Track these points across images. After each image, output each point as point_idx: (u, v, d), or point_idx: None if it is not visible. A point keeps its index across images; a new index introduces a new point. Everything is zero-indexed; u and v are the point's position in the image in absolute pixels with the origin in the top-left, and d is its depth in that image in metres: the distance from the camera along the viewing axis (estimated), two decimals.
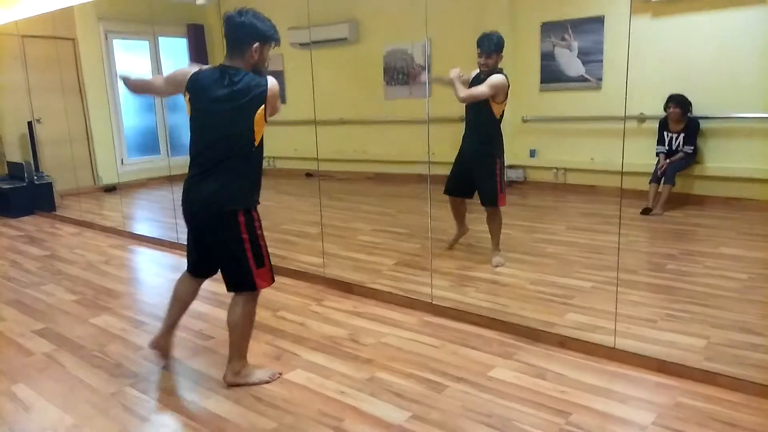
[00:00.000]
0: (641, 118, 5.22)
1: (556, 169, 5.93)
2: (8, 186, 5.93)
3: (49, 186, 6.20)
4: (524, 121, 6.16)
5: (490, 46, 3.70)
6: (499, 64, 3.82)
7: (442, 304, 3.01)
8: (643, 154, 5.03)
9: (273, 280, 2.36)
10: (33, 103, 6.52)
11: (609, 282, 3.25)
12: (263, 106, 2.25)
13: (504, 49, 3.92)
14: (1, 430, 2.08)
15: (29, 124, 6.58)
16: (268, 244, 2.33)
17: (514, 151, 6.25)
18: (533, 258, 3.80)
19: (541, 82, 5.97)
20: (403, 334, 2.78)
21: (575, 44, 5.68)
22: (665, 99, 4.93)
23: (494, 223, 3.80)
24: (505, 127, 6.27)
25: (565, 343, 2.56)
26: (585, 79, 5.67)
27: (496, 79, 3.66)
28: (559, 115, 5.90)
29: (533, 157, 6.13)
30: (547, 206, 5.43)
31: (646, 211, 4.70)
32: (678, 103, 4.82)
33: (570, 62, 5.75)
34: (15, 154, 6.65)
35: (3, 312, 3.26)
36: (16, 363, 2.62)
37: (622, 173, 2.97)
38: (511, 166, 6.24)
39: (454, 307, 2.97)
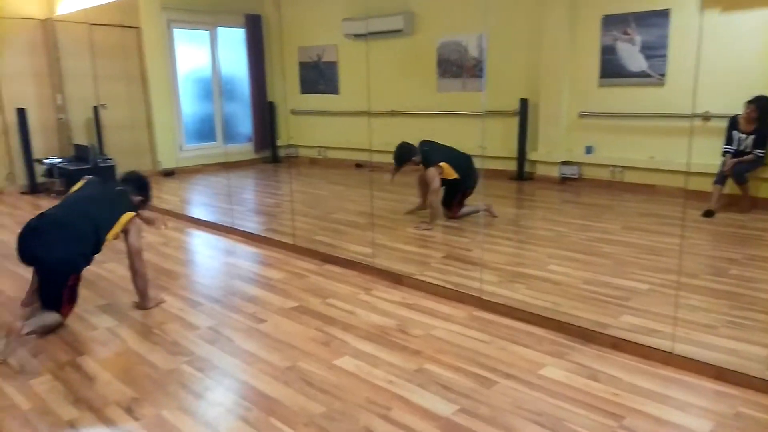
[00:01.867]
0: (706, 117, 5.01)
1: (613, 166, 5.77)
2: (74, 167, 6.20)
3: (112, 169, 6.45)
4: (581, 116, 6.02)
5: None
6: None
7: (491, 300, 2.99)
8: (706, 154, 4.83)
9: None
10: (98, 89, 6.80)
11: (667, 285, 3.16)
12: None
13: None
14: (67, 399, 2.19)
15: (95, 108, 6.87)
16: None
17: (569, 146, 6.12)
18: (587, 257, 3.72)
19: (601, 77, 5.81)
20: (452, 327, 2.77)
21: (638, 38, 5.50)
22: (734, 97, 4.71)
23: None
24: (560, 122, 6.16)
25: (619, 345, 2.50)
26: (647, 75, 5.48)
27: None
28: (619, 111, 5.73)
29: (589, 153, 5.98)
30: (602, 204, 5.29)
31: (708, 213, 4.52)
32: (761, 105, 4.58)
33: (632, 57, 5.57)
34: (81, 137, 6.96)
35: None
36: (81, 336, 2.76)
37: (687, 173, 2.87)
38: (565, 163, 6.12)
39: (504, 303, 2.94)
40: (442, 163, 4.49)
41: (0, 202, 6.12)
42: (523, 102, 6.21)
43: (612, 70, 5.72)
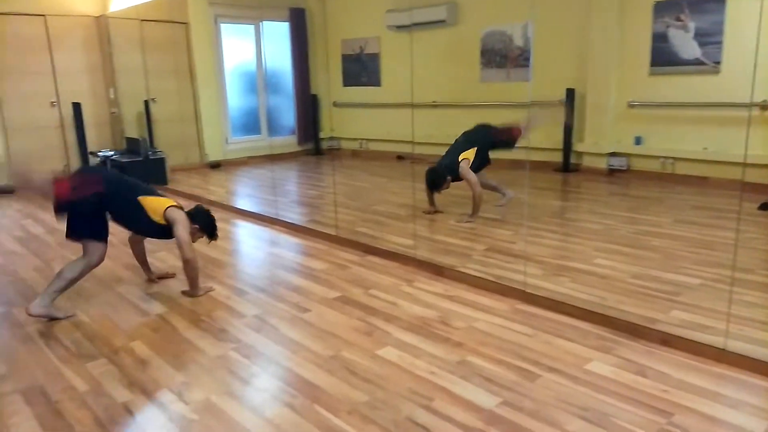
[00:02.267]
0: (765, 105, 4.79)
1: (664, 158, 5.59)
2: (126, 160, 6.43)
3: (162, 161, 6.66)
4: (630, 106, 5.84)
5: None
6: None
7: (535, 293, 2.95)
8: (764, 145, 4.62)
9: None
10: (149, 83, 7.02)
11: (720, 280, 3.05)
12: None
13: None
14: (121, 382, 2.28)
15: (145, 103, 7.10)
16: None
17: (618, 137, 5.96)
18: (635, 251, 3.62)
19: (651, 66, 5.62)
20: (495, 320, 2.76)
21: (692, 25, 5.29)
22: None
23: None
24: (608, 112, 5.99)
25: (668, 341, 2.43)
26: (701, 63, 5.28)
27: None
28: (670, 101, 5.54)
29: (639, 144, 5.81)
30: (652, 197, 5.13)
31: (765, 206, 4.32)
32: None
33: (685, 44, 5.36)
34: (132, 131, 7.20)
35: (122, 274, 3.57)
36: (134, 322, 2.87)
37: (743, 164, 2.75)
38: (613, 154, 5.96)
39: (548, 297, 2.90)
40: (461, 160, 4.45)
41: None
42: (570, 92, 6.07)
43: (664, 58, 5.53)
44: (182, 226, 3.03)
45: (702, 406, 2.00)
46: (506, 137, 4.68)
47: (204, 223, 3.19)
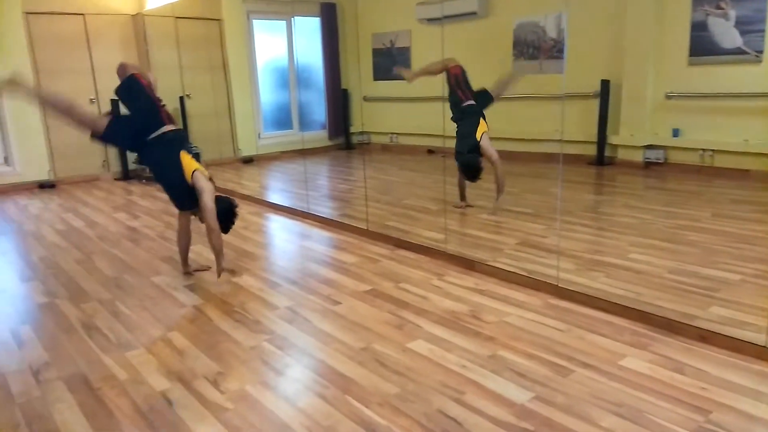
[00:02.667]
0: None
1: (703, 150, 5.44)
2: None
3: (197, 156, 6.73)
4: (668, 97, 5.70)
5: None
6: None
7: (568, 288, 2.91)
8: None
9: None
10: (184, 79, 7.14)
11: (761, 276, 2.97)
12: None
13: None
14: (159, 371, 2.35)
15: (180, 99, 7.23)
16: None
17: (654, 129, 5.82)
18: (672, 245, 3.54)
19: (690, 55, 5.47)
20: (527, 314, 2.73)
21: (733, 13, 5.12)
22: None
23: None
24: (645, 103, 5.86)
25: (707, 337, 2.38)
26: (742, 52, 5.11)
27: None
28: (710, 92, 5.38)
29: (676, 136, 5.66)
30: (690, 190, 5.01)
31: None
32: None
33: (725, 33, 5.20)
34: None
35: (159, 267, 3.66)
36: (171, 313, 2.94)
37: None
38: (650, 146, 5.83)
39: (582, 292, 2.86)
40: (481, 135, 4.50)
41: (96, 188, 6.58)
42: (605, 83, 5.95)
43: (703, 47, 5.37)
44: (209, 196, 3.17)
45: (741, 404, 1.95)
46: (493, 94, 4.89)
47: (221, 209, 3.28)
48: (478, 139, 4.44)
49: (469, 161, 4.45)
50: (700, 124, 5.50)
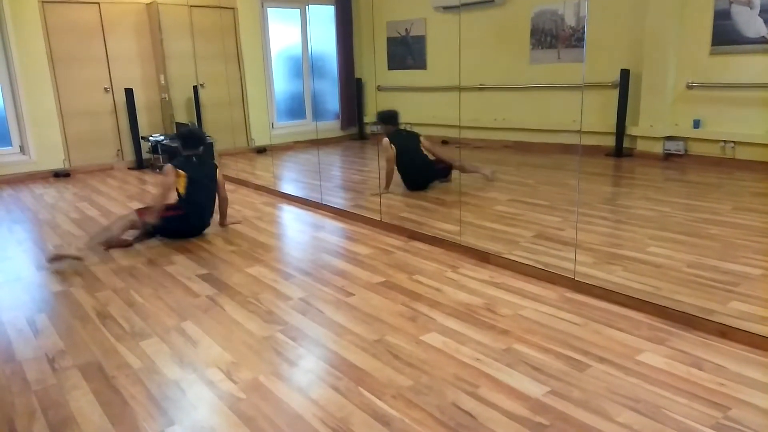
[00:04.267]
0: None
1: (724, 142, 5.34)
2: (176, 144, 6.56)
3: (210, 146, 6.77)
4: (689, 87, 5.59)
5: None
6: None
7: (585, 281, 2.87)
8: None
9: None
10: (197, 69, 7.14)
11: None
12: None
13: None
14: (173, 360, 2.35)
15: (194, 88, 7.24)
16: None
17: (675, 120, 5.72)
18: (692, 239, 3.48)
19: (713, 45, 5.35)
20: (542, 308, 2.70)
21: (757, 1, 5.00)
22: None
23: None
24: (665, 94, 5.76)
25: (726, 333, 2.33)
26: (767, 41, 4.98)
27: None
28: (733, 82, 5.26)
29: (697, 127, 5.56)
30: (710, 183, 4.91)
31: None
32: None
33: (749, 21, 5.08)
34: (182, 116, 7.37)
35: (174, 257, 3.67)
36: (185, 303, 2.95)
37: None
38: (669, 138, 5.73)
39: (599, 285, 2.82)
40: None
41: (110, 176, 6.63)
42: (624, 73, 5.85)
43: (726, 36, 5.25)
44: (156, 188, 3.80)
45: (761, 400, 1.91)
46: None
47: (179, 135, 4.02)
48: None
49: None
50: (721, 115, 5.39)
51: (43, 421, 1.97)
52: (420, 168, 5.08)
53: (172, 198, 3.99)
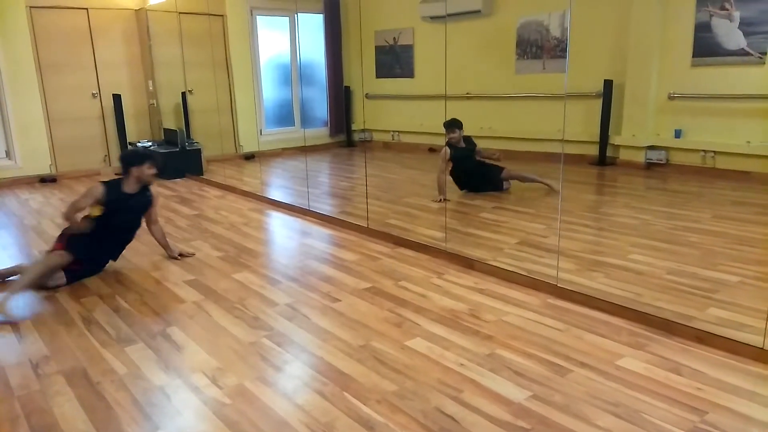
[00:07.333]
0: None
1: (704, 151, 5.45)
2: (164, 150, 6.57)
3: (198, 152, 6.79)
4: (671, 98, 5.70)
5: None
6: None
7: (567, 288, 2.92)
8: None
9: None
10: (186, 75, 7.15)
11: (760, 278, 2.97)
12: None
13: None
14: (158, 366, 2.36)
15: (183, 94, 7.23)
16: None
17: (657, 130, 5.83)
18: (672, 247, 3.54)
19: (694, 56, 5.47)
20: (526, 314, 2.74)
21: (737, 14, 5.11)
22: None
23: None
24: (647, 104, 5.86)
25: (704, 338, 2.38)
26: (746, 53, 5.11)
27: None
28: (713, 93, 5.37)
29: (678, 137, 5.66)
30: (690, 192, 5.01)
31: None
32: None
33: (729, 34, 5.20)
34: (170, 122, 7.36)
35: (161, 263, 3.67)
36: (171, 308, 2.95)
37: None
38: (652, 147, 5.82)
39: (581, 292, 2.87)
40: None
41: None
42: (607, 83, 5.95)
43: (707, 48, 5.36)
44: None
45: (738, 405, 1.96)
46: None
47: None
48: None
49: None
50: (702, 126, 5.50)
51: (27, 427, 1.97)
52: (474, 174, 5.19)
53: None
